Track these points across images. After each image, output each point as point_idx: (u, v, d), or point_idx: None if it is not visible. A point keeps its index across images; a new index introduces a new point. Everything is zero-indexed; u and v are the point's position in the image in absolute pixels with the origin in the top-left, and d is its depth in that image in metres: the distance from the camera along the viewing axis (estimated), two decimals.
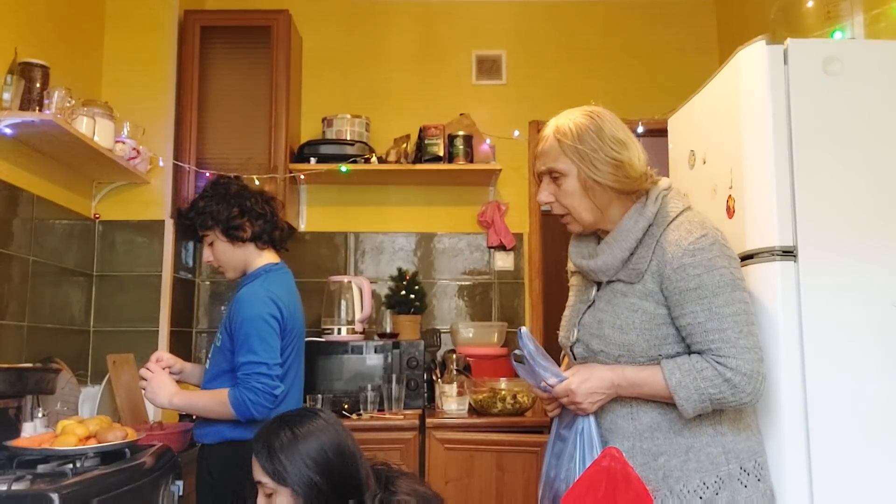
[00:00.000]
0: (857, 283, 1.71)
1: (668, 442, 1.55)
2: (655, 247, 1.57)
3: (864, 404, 1.68)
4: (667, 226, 1.58)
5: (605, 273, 1.63)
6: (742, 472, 1.53)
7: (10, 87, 2.35)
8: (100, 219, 3.16)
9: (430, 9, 3.90)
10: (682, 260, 1.52)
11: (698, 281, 1.50)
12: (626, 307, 1.57)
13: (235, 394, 2.03)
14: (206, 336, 3.58)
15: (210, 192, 2.23)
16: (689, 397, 1.49)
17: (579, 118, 1.61)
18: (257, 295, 2.11)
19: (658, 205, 1.60)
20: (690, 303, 1.51)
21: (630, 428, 1.58)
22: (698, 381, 1.48)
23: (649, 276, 1.56)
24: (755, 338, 1.50)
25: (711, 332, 1.49)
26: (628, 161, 1.58)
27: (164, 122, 3.25)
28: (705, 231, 1.54)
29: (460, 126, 3.59)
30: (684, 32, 3.90)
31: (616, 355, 1.58)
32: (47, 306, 2.75)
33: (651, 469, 1.54)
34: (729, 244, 1.57)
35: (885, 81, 1.78)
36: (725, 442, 1.54)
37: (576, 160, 1.59)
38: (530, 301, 3.71)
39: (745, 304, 1.52)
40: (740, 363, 1.47)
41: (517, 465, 2.85)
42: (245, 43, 3.46)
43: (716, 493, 1.51)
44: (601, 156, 1.57)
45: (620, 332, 1.57)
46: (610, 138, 1.58)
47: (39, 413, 2.24)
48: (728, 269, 1.52)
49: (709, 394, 1.48)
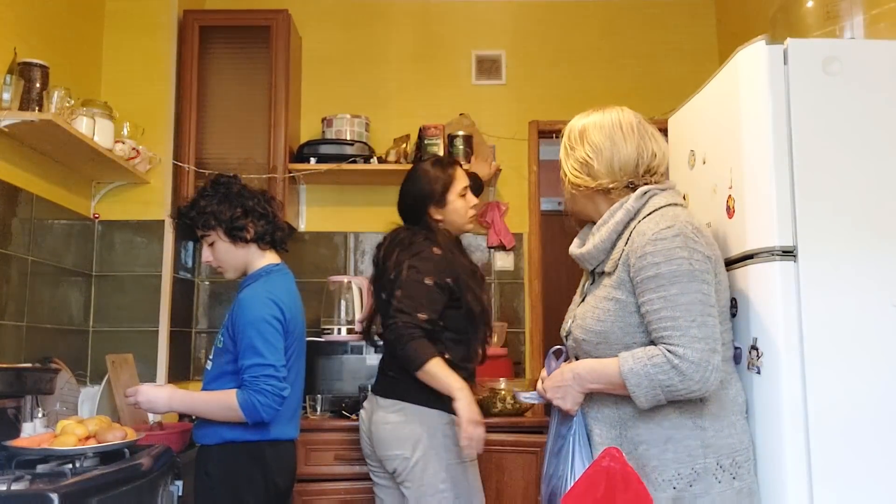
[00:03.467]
0: (857, 283, 1.71)
1: (648, 431, 1.59)
2: (628, 238, 1.64)
3: (865, 404, 1.68)
4: (643, 219, 1.64)
5: (589, 261, 1.73)
6: (718, 468, 1.56)
7: (10, 87, 2.35)
8: (99, 219, 3.15)
9: (430, 9, 3.90)
10: (645, 249, 1.58)
11: (656, 270, 1.55)
12: (604, 296, 1.65)
13: (244, 396, 2.03)
14: (205, 336, 3.58)
15: (211, 192, 2.22)
16: (639, 384, 1.53)
17: (587, 116, 1.77)
18: (259, 297, 2.11)
19: (643, 200, 1.67)
20: (649, 291, 1.56)
21: (615, 416, 1.64)
22: (648, 367, 1.52)
23: (621, 265, 1.63)
24: (709, 328, 1.53)
25: (665, 320, 1.53)
26: (594, 164, 1.70)
27: (163, 122, 3.25)
28: (672, 223, 1.59)
29: (460, 126, 3.59)
30: (684, 32, 3.90)
31: (595, 343, 1.64)
32: (46, 306, 2.74)
33: (633, 458, 1.58)
34: (700, 239, 1.60)
35: (885, 81, 1.78)
36: (705, 436, 1.57)
37: (562, 156, 1.78)
38: (530, 301, 3.71)
39: (703, 294, 1.55)
40: (688, 351, 1.50)
41: (517, 465, 2.85)
42: (244, 43, 3.46)
43: (689, 485, 1.54)
44: (574, 155, 1.74)
45: (598, 321, 1.64)
46: (589, 140, 1.72)
47: (39, 413, 2.24)
48: (687, 260, 1.55)
49: (658, 380, 1.51)
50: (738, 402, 1.66)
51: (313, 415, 3.10)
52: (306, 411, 3.07)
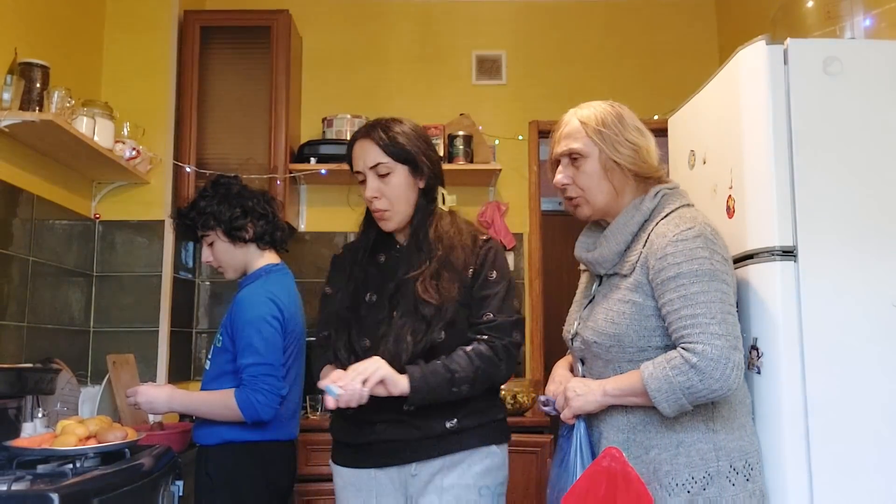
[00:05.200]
0: (857, 283, 1.71)
1: (659, 436, 1.57)
2: (646, 240, 1.61)
3: (864, 404, 1.68)
4: (660, 220, 1.62)
5: (602, 265, 1.68)
6: (731, 471, 1.54)
7: (10, 87, 2.35)
8: (100, 219, 3.16)
9: (430, 9, 3.90)
10: (665, 250, 1.55)
11: (677, 269, 1.53)
12: (618, 299, 1.61)
13: (243, 395, 2.03)
14: (205, 336, 3.58)
15: (211, 193, 2.23)
16: (660, 388, 1.49)
17: (601, 106, 1.72)
18: (258, 296, 2.12)
19: (656, 201, 1.65)
20: (669, 291, 1.53)
21: (624, 421, 1.61)
22: (667, 370, 1.49)
23: (639, 268, 1.60)
24: (730, 326, 1.50)
25: (685, 319, 1.50)
26: (646, 147, 1.67)
27: (164, 122, 3.25)
28: (692, 224, 1.57)
29: (460, 126, 3.59)
30: (684, 32, 3.90)
31: (607, 346, 1.61)
32: (47, 307, 2.75)
33: (643, 462, 1.56)
34: (719, 241, 1.58)
35: (885, 81, 1.78)
36: (717, 439, 1.55)
37: (598, 141, 1.66)
38: (530, 301, 3.71)
39: (723, 293, 1.52)
40: (707, 348, 1.46)
41: (517, 465, 2.84)
42: (245, 43, 3.46)
43: (703, 489, 1.52)
44: (622, 139, 1.65)
45: (612, 323, 1.60)
46: (630, 125, 1.68)
47: (39, 413, 2.24)
48: (708, 260, 1.53)
49: (678, 383, 1.47)
50: (746, 403, 1.65)
51: (313, 415, 3.10)
52: (306, 411, 3.07)
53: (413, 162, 1.81)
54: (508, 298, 1.77)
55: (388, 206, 1.80)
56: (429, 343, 1.70)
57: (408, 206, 1.82)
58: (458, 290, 1.74)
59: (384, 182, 1.80)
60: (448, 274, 1.75)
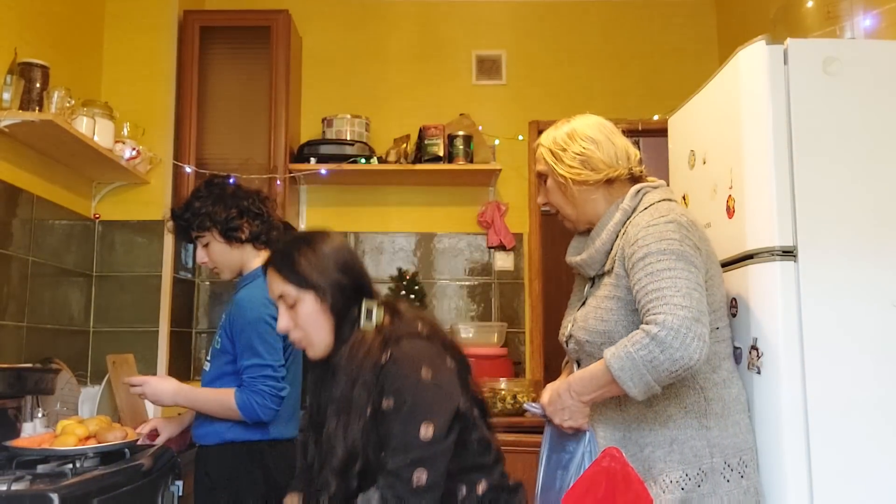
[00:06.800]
0: (857, 283, 1.71)
1: (653, 433, 1.58)
2: (623, 232, 1.63)
3: (864, 404, 1.68)
4: (638, 214, 1.63)
5: (591, 266, 1.70)
6: (726, 468, 1.55)
7: (10, 87, 2.35)
8: (99, 219, 3.15)
9: (430, 9, 3.90)
10: (638, 235, 1.57)
11: (646, 250, 1.54)
12: (604, 296, 1.63)
13: (242, 396, 2.03)
14: (205, 336, 3.58)
15: (205, 193, 2.22)
16: (623, 367, 1.46)
17: (561, 125, 1.75)
18: (256, 297, 2.11)
19: (638, 198, 1.67)
20: (638, 271, 1.54)
21: (619, 418, 1.63)
22: (628, 347, 1.46)
23: (618, 261, 1.62)
24: (695, 301, 1.47)
25: (650, 293, 1.49)
26: (596, 155, 1.68)
27: (164, 122, 3.25)
28: (667, 213, 1.58)
29: (460, 126, 3.59)
30: (684, 33, 3.90)
31: (599, 343, 1.61)
32: (47, 307, 2.74)
33: (638, 460, 1.57)
34: (694, 231, 1.58)
35: (885, 81, 1.78)
36: (711, 436, 1.56)
37: (549, 161, 1.72)
38: (530, 301, 3.71)
39: (690, 273, 1.50)
40: (668, 318, 1.44)
41: (517, 465, 2.83)
42: (245, 43, 3.46)
43: (697, 486, 1.53)
44: (570, 153, 1.69)
45: (601, 321, 1.62)
46: (582, 136, 1.69)
47: (39, 413, 2.24)
48: (678, 242, 1.53)
49: (640, 357, 1.44)
50: (740, 400, 1.65)
51: None
52: None
53: (319, 288, 1.61)
54: (408, 429, 1.46)
55: (303, 337, 1.64)
56: (348, 494, 1.52)
57: (326, 334, 1.63)
58: (364, 432, 1.51)
59: (295, 312, 1.62)
60: (353, 416, 1.53)
